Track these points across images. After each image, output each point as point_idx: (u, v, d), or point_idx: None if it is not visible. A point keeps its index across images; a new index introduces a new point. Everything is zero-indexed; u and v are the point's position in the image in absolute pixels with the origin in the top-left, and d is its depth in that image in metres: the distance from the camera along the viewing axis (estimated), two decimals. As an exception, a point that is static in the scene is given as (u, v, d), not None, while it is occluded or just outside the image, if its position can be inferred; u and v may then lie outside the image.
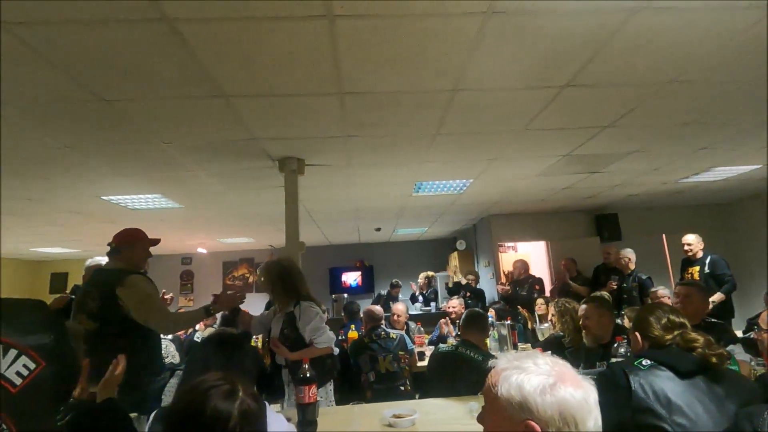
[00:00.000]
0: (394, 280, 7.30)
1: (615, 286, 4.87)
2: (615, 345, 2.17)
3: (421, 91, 2.39)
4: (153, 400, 2.79)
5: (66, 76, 2.01)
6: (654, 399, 1.31)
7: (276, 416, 1.45)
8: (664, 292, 3.83)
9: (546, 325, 4.03)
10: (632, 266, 4.97)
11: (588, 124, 3.03)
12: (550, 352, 2.97)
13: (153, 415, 1.56)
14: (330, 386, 2.64)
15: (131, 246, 2.47)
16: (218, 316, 6.17)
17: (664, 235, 6.75)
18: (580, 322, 2.61)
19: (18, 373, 0.75)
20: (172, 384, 2.75)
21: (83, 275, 3.22)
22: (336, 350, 2.66)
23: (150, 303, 2.28)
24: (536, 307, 4.20)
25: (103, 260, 2.78)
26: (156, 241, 2.64)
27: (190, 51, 1.87)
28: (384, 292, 7.32)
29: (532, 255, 7.91)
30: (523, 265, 5.81)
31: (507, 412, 0.83)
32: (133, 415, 2.16)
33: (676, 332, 1.49)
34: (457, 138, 3.16)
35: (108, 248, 2.45)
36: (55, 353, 0.80)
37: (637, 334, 1.60)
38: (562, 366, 0.86)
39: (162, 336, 2.98)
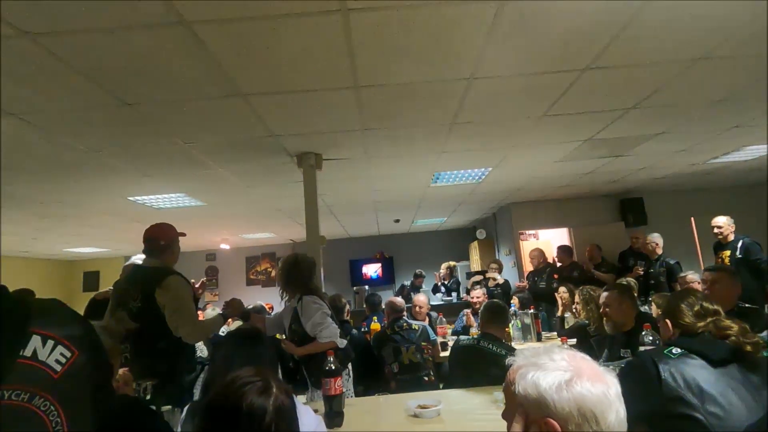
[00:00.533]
0: (417, 270, 7.30)
1: (641, 272, 4.75)
2: (643, 333, 2.13)
3: (436, 81, 2.37)
4: (186, 393, 2.91)
5: (92, 83, 2.07)
6: (685, 388, 1.28)
7: (305, 408, 1.48)
8: (693, 277, 3.73)
9: (568, 314, 3.98)
10: (659, 251, 4.84)
11: (611, 106, 2.94)
12: (575, 340, 2.95)
13: (186, 409, 1.61)
14: (349, 378, 2.67)
15: (171, 243, 2.52)
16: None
17: (692, 219, 6.54)
18: (601, 310, 2.57)
19: (57, 361, 0.84)
20: (202, 378, 2.85)
21: (121, 274, 3.30)
22: (343, 342, 2.59)
23: (182, 312, 2.31)
24: (559, 296, 4.14)
25: (140, 258, 2.83)
26: (183, 234, 2.68)
27: (208, 52, 1.89)
28: (407, 282, 7.34)
29: (554, 242, 7.80)
30: (539, 254, 5.66)
31: (525, 410, 0.82)
32: (167, 407, 2.26)
33: (708, 320, 1.45)
34: (474, 126, 3.12)
35: (145, 245, 2.48)
36: (86, 343, 0.89)
37: (667, 321, 1.57)
38: (581, 360, 0.84)
39: None
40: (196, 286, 2.95)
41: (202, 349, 4.10)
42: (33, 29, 1.64)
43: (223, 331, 4.87)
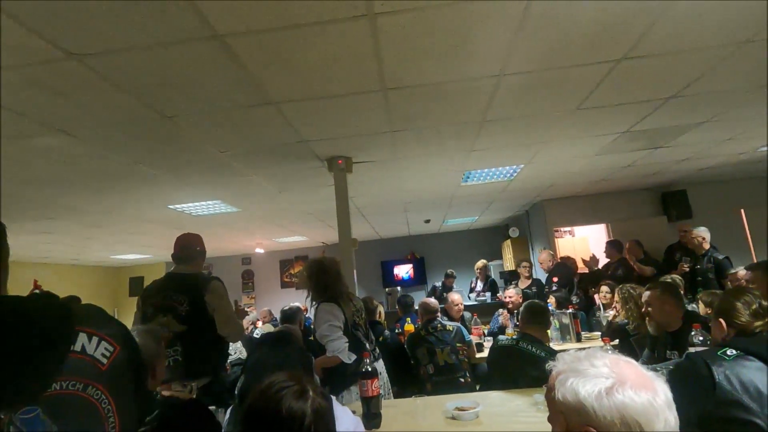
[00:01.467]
0: (448, 270, 7.24)
1: (687, 269, 4.51)
2: (692, 333, 2.02)
3: (465, 80, 2.34)
4: (227, 393, 3.02)
5: (132, 98, 2.18)
6: (742, 391, 1.21)
7: (343, 409, 1.50)
8: (744, 273, 3.51)
9: (611, 312, 3.83)
10: (706, 246, 4.58)
11: (648, 96, 2.82)
12: (617, 341, 2.83)
13: (228, 414, 1.65)
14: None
15: (196, 250, 2.67)
16: (275, 314, 6.50)
17: (742, 210, 6.16)
18: (643, 309, 2.46)
19: (102, 354, 0.95)
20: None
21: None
22: (352, 357, 2.44)
23: (228, 314, 2.50)
24: (600, 295, 4.00)
25: None
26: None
27: (241, 63, 1.95)
28: (438, 283, 7.28)
29: (592, 239, 7.55)
30: (548, 258, 5.48)
31: (566, 417, 0.80)
32: (212, 408, 2.34)
33: (767, 319, 1.36)
34: (505, 123, 3.06)
35: (179, 253, 2.61)
36: (125, 341, 0.99)
37: (721, 320, 1.48)
38: (625, 366, 0.80)
39: None
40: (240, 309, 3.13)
41: (241, 351, 4.23)
42: (80, 51, 1.74)
43: (258, 333, 5.02)
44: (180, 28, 1.66)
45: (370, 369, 2.02)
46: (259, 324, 5.49)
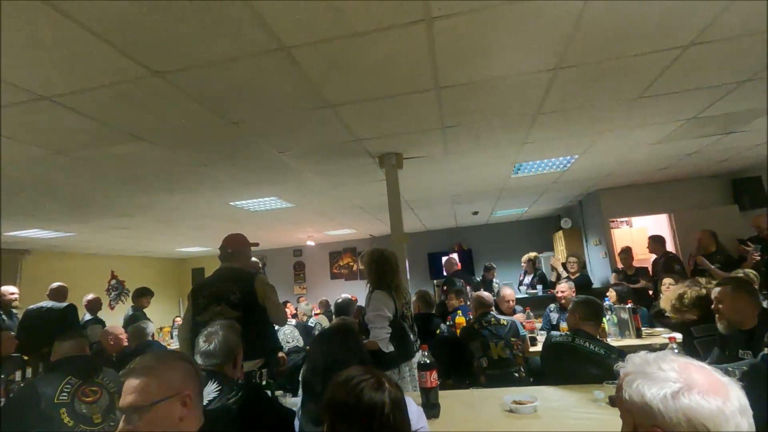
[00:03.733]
0: (487, 263, 7.15)
1: (757, 257, 4.15)
2: (769, 332, 1.92)
3: (520, 74, 2.32)
4: (284, 378, 3.26)
5: (203, 107, 2.36)
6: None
7: (408, 399, 1.58)
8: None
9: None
10: (785, 237, 4.22)
11: (719, 81, 2.65)
12: (681, 337, 2.67)
13: (300, 407, 1.75)
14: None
15: (243, 249, 2.93)
16: (331, 304, 6.75)
17: (828, 197, 5.59)
18: (713, 306, 2.33)
19: None
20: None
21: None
22: (390, 347, 2.54)
23: (279, 306, 2.78)
24: (664, 288, 3.81)
25: None
26: (255, 244, 3.10)
27: (302, 71, 2.06)
28: (479, 278, 7.20)
29: (651, 229, 7.14)
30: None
31: (633, 417, 0.83)
32: (279, 392, 2.52)
33: None
34: (560, 115, 2.99)
35: (221, 252, 2.88)
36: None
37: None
38: (695, 371, 0.80)
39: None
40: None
41: (298, 339, 4.45)
42: (162, 68, 1.92)
43: (313, 323, 5.25)
44: (250, 43, 1.79)
45: (428, 361, 2.10)
46: (314, 315, 5.73)
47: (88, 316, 5.28)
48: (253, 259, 3.66)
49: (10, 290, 4.72)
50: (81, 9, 1.50)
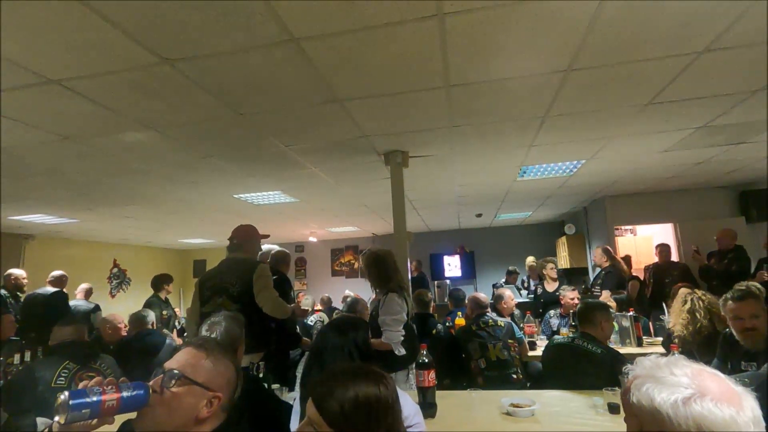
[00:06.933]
0: (510, 267, 7.07)
1: (767, 278, 4.15)
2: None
3: (531, 75, 2.30)
4: (290, 372, 3.25)
5: (212, 98, 2.36)
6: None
7: (404, 395, 1.57)
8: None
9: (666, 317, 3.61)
10: (792, 251, 4.19)
11: (732, 90, 2.62)
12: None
13: (299, 400, 1.74)
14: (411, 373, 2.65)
15: (250, 240, 2.94)
16: (333, 301, 6.73)
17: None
18: (742, 322, 2.12)
19: None
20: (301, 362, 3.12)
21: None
22: (401, 351, 2.54)
23: (274, 300, 2.69)
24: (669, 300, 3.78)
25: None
26: (266, 236, 3.07)
27: (313, 65, 2.05)
28: (502, 281, 7.13)
29: (656, 238, 7.10)
30: (603, 253, 5.03)
31: (640, 421, 0.80)
32: (275, 386, 2.51)
33: None
34: (569, 118, 2.97)
35: (229, 242, 2.93)
36: None
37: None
38: (708, 378, 0.77)
39: None
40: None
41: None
42: (172, 56, 1.92)
43: (313, 320, 5.23)
44: (261, 35, 1.78)
45: (426, 360, 2.09)
46: (316, 312, 5.71)
47: (81, 302, 5.32)
48: (265, 247, 3.69)
49: (23, 274, 4.86)
50: (93, -7, 1.50)
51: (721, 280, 4.36)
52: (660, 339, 3.80)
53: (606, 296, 4.59)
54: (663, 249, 5.23)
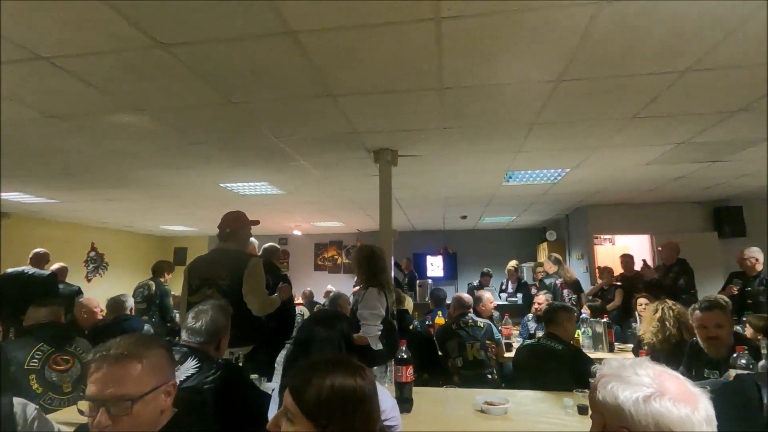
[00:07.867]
0: (484, 269, 7.18)
1: (735, 291, 4.31)
2: (734, 355, 1.99)
3: (523, 81, 2.36)
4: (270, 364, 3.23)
5: (205, 84, 2.34)
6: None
7: (382, 389, 1.60)
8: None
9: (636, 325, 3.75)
10: (759, 267, 4.36)
11: (713, 108, 2.73)
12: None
13: (277, 390, 1.75)
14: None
15: (242, 229, 2.86)
16: (315, 296, 6.72)
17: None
18: (707, 332, 2.23)
19: None
20: (282, 355, 3.12)
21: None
22: (378, 345, 2.55)
23: (256, 288, 2.64)
24: (639, 308, 3.91)
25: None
26: (256, 222, 3.02)
27: (308, 58, 2.06)
28: (476, 282, 7.23)
29: (633, 249, 7.29)
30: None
31: (604, 417, 0.85)
32: (254, 376, 2.52)
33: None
34: (556, 127, 3.04)
35: (219, 231, 2.82)
36: None
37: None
38: (669, 379, 0.83)
39: None
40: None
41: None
42: (167, 40, 1.90)
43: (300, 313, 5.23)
44: (258, 24, 1.78)
45: (405, 356, 2.12)
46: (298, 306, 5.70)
47: (62, 284, 5.18)
48: (252, 239, 3.65)
49: None
50: (90, -30, 1.48)
51: (667, 295, 4.52)
52: (631, 345, 3.93)
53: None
54: (626, 260, 5.42)
